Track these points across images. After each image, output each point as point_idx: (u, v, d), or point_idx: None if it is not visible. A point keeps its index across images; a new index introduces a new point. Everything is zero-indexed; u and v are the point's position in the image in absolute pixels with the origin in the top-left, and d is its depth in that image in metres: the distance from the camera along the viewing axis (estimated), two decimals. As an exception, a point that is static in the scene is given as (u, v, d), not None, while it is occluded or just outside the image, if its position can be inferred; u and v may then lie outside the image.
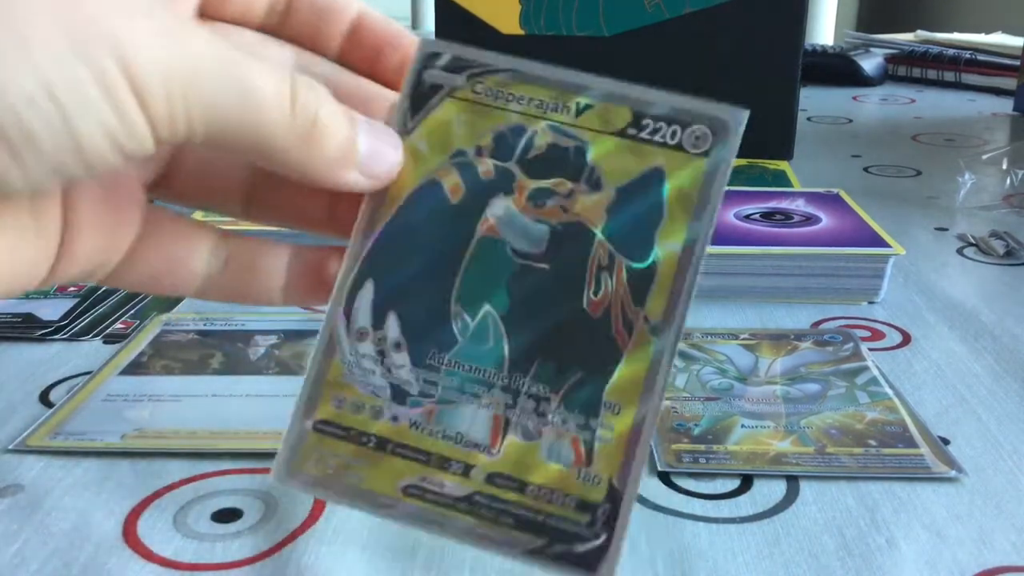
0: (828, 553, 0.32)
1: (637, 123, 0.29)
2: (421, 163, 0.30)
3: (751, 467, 0.36)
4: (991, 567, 0.32)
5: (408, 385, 0.29)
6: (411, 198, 0.30)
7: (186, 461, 0.36)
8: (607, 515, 0.28)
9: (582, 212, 0.29)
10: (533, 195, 0.29)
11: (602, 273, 0.29)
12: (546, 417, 0.29)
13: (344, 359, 0.30)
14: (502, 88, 0.30)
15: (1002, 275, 0.58)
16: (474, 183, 0.30)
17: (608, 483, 0.28)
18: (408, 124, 0.30)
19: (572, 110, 0.29)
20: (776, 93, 0.79)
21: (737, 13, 0.76)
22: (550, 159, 0.29)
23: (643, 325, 0.29)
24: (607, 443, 0.28)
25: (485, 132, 0.30)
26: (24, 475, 0.35)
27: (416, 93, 0.30)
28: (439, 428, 0.29)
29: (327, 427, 0.30)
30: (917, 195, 0.74)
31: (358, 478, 0.29)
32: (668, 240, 0.29)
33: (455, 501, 0.29)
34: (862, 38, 1.35)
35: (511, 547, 0.28)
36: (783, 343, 0.47)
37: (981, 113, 1.07)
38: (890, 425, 0.39)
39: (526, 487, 0.28)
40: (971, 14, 2.23)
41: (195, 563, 0.31)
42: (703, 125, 0.29)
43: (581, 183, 0.29)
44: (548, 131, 0.29)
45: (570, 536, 0.28)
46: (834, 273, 0.52)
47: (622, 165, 0.29)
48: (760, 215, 0.57)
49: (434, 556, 0.31)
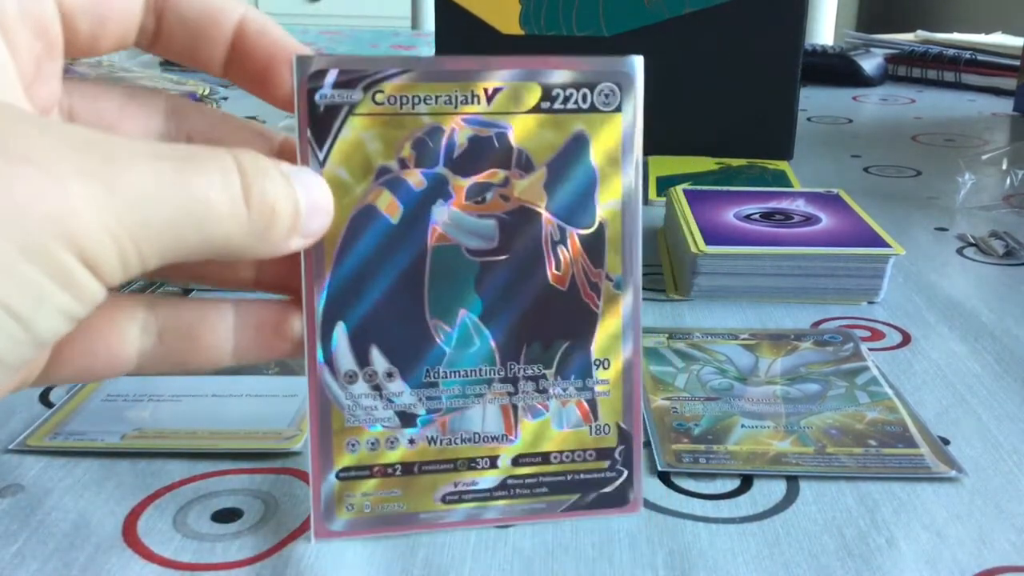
0: (828, 553, 0.32)
1: (548, 95, 0.29)
2: (347, 192, 0.29)
3: (751, 467, 0.36)
4: (991, 567, 0.32)
5: (413, 407, 0.30)
6: (350, 230, 0.29)
7: (186, 461, 0.36)
8: (623, 453, 0.32)
9: (522, 196, 0.30)
10: (471, 192, 0.30)
11: (557, 247, 0.30)
12: (547, 392, 0.31)
13: (342, 406, 0.30)
14: (404, 92, 0.28)
15: (1002, 275, 0.58)
16: (409, 197, 0.29)
17: (617, 427, 0.32)
18: (319, 155, 0.28)
19: (482, 98, 0.29)
20: (776, 93, 0.79)
21: (737, 13, 0.76)
22: (476, 153, 0.29)
23: (607, 283, 0.31)
24: (606, 396, 0.31)
25: (402, 142, 0.29)
26: (24, 475, 0.35)
27: (315, 120, 0.28)
28: (456, 435, 0.31)
29: (350, 472, 0.30)
30: (917, 195, 0.74)
31: (397, 506, 0.31)
32: (608, 200, 0.30)
33: (491, 492, 0.31)
34: (862, 38, 1.35)
35: (550, 510, 0.32)
36: (783, 343, 0.47)
37: (981, 113, 1.07)
38: (890, 425, 0.39)
39: (549, 457, 0.31)
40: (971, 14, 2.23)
41: (195, 563, 0.31)
42: (608, 82, 0.30)
43: (513, 168, 0.30)
44: (465, 125, 0.29)
45: (598, 482, 0.32)
46: (834, 273, 0.52)
47: (545, 140, 0.30)
48: (760, 215, 0.57)
49: (434, 556, 0.31)
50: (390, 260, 0.29)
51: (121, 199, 0.21)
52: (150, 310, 0.28)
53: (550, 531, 0.33)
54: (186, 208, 0.23)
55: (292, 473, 0.36)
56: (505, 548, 0.32)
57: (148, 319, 0.27)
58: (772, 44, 0.78)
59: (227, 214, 0.23)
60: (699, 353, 0.45)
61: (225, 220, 0.23)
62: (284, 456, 0.37)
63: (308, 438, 0.30)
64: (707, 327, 0.49)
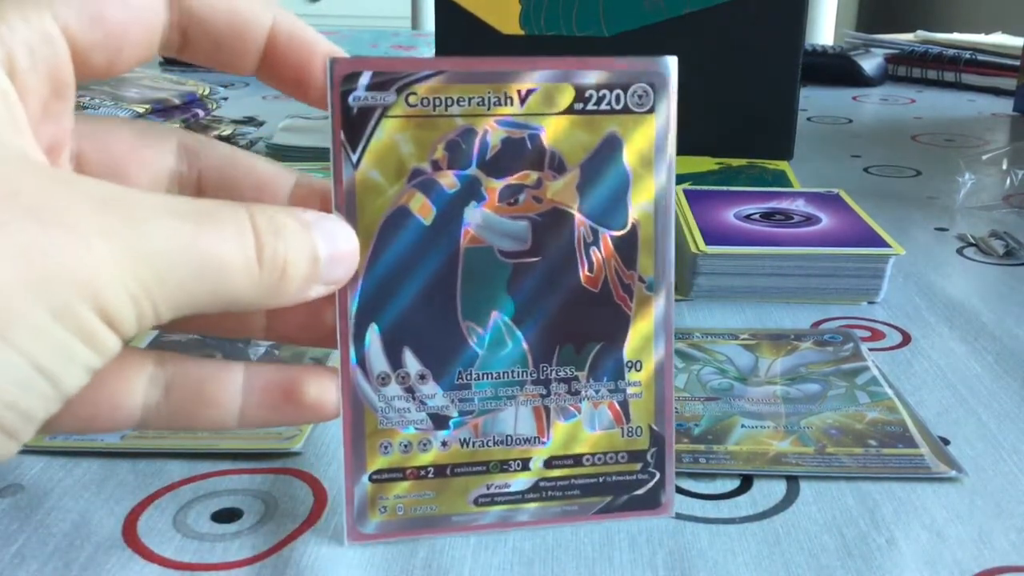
0: (828, 553, 0.32)
1: (581, 96, 0.29)
2: (380, 194, 0.29)
3: (751, 467, 0.36)
4: (991, 567, 0.32)
5: (446, 409, 0.30)
6: (383, 233, 0.29)
7: (186, 461, 0.36)
8: (655, 456, 0.32)
9: (555, 197, 0.30)
10: (504, 194, 0.29)
11: (590, 249, 0.30)
12: (580, 394, 0.31)
13: (375, 408, 0.30)
14: (437, 94, 0.28)
15: (1002, 275, 0.58)
16: (442, 199, 0.29)
17: (649, 429, 0.32)
18: (352, 157, 0.28)
19: (515, 99, 0.29)
20: (776, 93, 0.79)
21: (737, 13, 0.76)
22: (509, 154, 0.29)
23: (639, 285, 0.31)
24: (638, 398, 0.31)
25: (435, 144, 0.29)
26: (24, 475, 0.35)
27: (348, 122, 0.28)
28: (488, 437, 0.31)
29: (383, 475, 0.30)
30: (917, 195, 0.74)
31: (430, 508, 0.31)
32: (640, 201, 0.30)
33: (523, 494, 0.31)
34: (862, 38, 1.35)
35: (582, 512, 0.32)
36: (783, 343, 0.47)
37: (981, 113, 1.07)
38: (890, 425, 0.39)
39: (581, 459, 0.31)
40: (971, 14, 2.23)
41: (195, 563, 0.31)
42: (642, 83, 0.29)
43: (546, 170, 0.30)
44: (498, 127, 0.29)
45: (630, 485, 0.32)
46: (834, 273, 0.52)
47: (578, 141, 0.30)
48: (760, 215, 0.57)
49: (434, 556, 0.31)
50: (423, 262, 0.29)
51: (140, 259, 0.22)
52: (159, 365, 0.28)
53: (550, 531, 0.33)
54: (200, 267, 0.23)
55: (292, 473, 0.36)
56: (505, 548, 0.32)
57: (156, 373, 0.27)
58: (772, 44, 0.77)
59: (240, 272, 0.24)
60: (699, 353, 0.45)
61: (237, 277, 0.24)
62: (284, 456, 0.37)
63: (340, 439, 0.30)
64: (707, 327, 0.49)
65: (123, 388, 0.27)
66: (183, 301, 0.23)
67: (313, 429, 0.38)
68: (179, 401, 0.28)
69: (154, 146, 0.29)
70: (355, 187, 0.28)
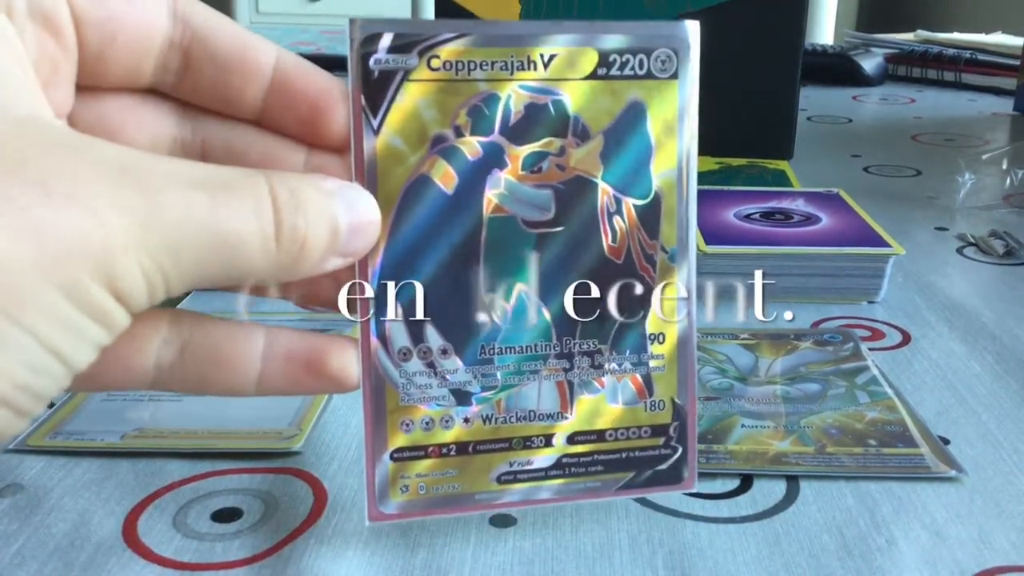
0: (828, 553, 0.32)
1: (605, 61, 0.29)
2: (402, 161, 0.28)
3: (751, 467, 0.36)
4: (991, 567, 0.32)
5: (468, 385, 0.29)
6: (404, 202, 0.28)
7: (186, 461, 0.36)
8: (678, 430, 0.31)
9: (578, 166, 0.29)
10: (527, 162, 0.29)
11: (613, 218, 0.30)
12: (603, 368, 0.30)
13: (396, 384, 0.29)
14: (460, 58, 0.27)
15: (1002, 275, 0.58)
16: (464, 167, 0.28)
17: (672, 403, 0.31)
18: (373, 123, 0.27)
19: (539, 63, 0.28)
20: (776, 93, 0.79)
21: (737, 13, 0.76)
22: (532, 121, 0.29)
23: (662, 255, 0.30)
24: (661, 371, 0.31)
25: (457, 110, 0.28)
26: (24, 475, 0.35)
27: (368, 85, 0.27)
28: (511, 413, 0.30)
29: (404, 453, 0.29)
30: (917, 195, 0.74)
31: (452, 487, 0.30)
32: (663, 169, 0.30)
33: (546, 471, 0.30)
34: (862, 38, 1.35)
35: (605, 489, 0.31)
36: (783, 343, 0.47)
37: (981, 113, 1.07)
38: (890, 425, 0.39)
39: (604, 434, 0.31)
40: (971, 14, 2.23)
41: (195, 563, 0.31)
42: (665, 48, 0.29)
43: (569, 137, 0.29)
44: (522, 92, 0.28)
45: (652, 460, 0.31)
46: (834, 273, 0.52)
47: (602, 107, 0.29)
48: (760, 215, 0.57)
49: (434, 556, 0.31)
50: (444, 233, 0.28)
51: (155, 233, 0.21)
52: (174, 324, 0.26)
53: (550, 531, 0.33)
54: (217, 242, 0.22)
55: (292, 473, 0.36)
56: (505, 548, 0.32)
57: (171, 332, 0.26)
58: (772, 44, 0.77)
59: (257, 248, 0.23)
60: (699, 353, 0.45)
61: (254, 253, 0.23)
62: (284, 456, 0.37)
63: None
64: (707, 327, 0.49)
65: (135, 349, 0.26)
66: (196, 276, 0.22)
67: (313, 428, 0.38)
68: (194, 363, 0.26)
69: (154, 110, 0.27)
70: (376, 154, 0.27)
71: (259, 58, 0.26)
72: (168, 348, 0.26)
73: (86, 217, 0.20)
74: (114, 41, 0.25)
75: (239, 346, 0.27)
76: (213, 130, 0.28)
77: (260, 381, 0.27)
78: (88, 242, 0.20)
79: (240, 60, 0.26)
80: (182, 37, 0.26)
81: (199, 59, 0.26)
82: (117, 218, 0.21)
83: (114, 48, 0.25)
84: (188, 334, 0.26)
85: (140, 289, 0.22)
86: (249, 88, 0.27)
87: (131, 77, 0.26)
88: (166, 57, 0.26)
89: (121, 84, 0.26)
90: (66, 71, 0.25)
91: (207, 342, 0.27)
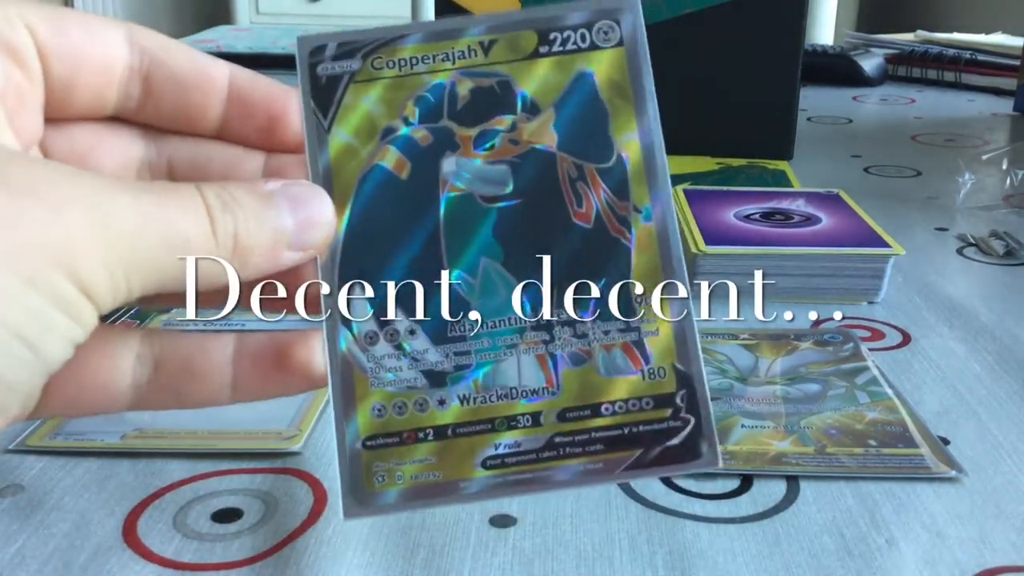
0: (828, 553, 0.32)
1: (546, 39, 0.29)
2: (354, 155, 0.29)
3: (751, 467, 0.36)
4: (991, 567, 0.32)
5: (440, 364, 0.28)
6: (360, 191, 0.29)
7: (186, 461, 0.36)
8: (686, 399, 0.28)
9: (532, 138, 0.29)
10: (478, 141, 0.29)
11: (576, 184, 0.29)
12: (587, 337, 0.29)
13: (364, 368, 0.28)
14: (401, 56, 0.29)
15: (1002, 275, 0.58)
16: (416, 152, 0.29)
17: (673, 369, 0.28)
18: (324, 123, 0.29)
19: (478, 51, 0.29)
20: (776, 93, 0.79)
21: (737, 13, 0.76)
22: (479, 102, 0.29)
23: (635, 215, 0.29)
24: (655, 335, 0.29)
25: (404, 102, 0.29)
26: (24, 475, 0.35)
27: (317, 90, 0.29)
28: (490, 392, 0.29)
29: (377, 440, 0.28)
30: (917, 195, 0.74)
31: (433, 476, 0.28)
32: (623, 132, 0.29)
33: (537, 453, 0.28)
34: (862, 38, 1.35)
35: (610, 471, 0.28)
36: (783, 343, 0.47)
37: (981, 113, 1.07)
38: (890, 425, 0.39)
39: (600, 408, 0.28)
40: (971, 14, 2.23)
41: (195, 563, 0.31)
42: (606, 20, 0.29)
43: (519, 113, 0.29)
44: (465, 78, 0.29)
45: (661, 434, 0.28)
46: (834, 273, 0.52)
47: (549, 82, 0.29)
48: (760, 215, 0.57)
49: (434, 556, 0.31)
50: (402, 216, 0.29)
51: (112, 229, 0.22)
52: (146, 340, 0.27)
53: (550, 531, 0.33)
54: (166, 240, 0.23)
55: (292, 473, 0.36)
56: (505, 548, 0.32)
57: (143, 350, 0.27)
58: (772, 44, 0.78)
59: (201, 248, 0.24)
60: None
61: (200, 253, 0.24)
62: (284, 456, 0.37)
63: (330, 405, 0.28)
64: (707, 327, 0.49)
65: (109, 365, 0.26)
66: (152, 276, 0.23)
67: (313, 428, 0.38)
68: (168, 377, 0.27)
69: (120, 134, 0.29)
70: (329, 150, 0.29)
71: (215, 75, 0.28)
72: (143, 365, 0.27)
73: (45, 210, 0.21)
74: (78, 70, 0.26)
75: (209, 354, 0.27)
76: (177, 148, 0.29)
77: (234, 387, 0.27)
78: (48, 234, 0.21)
79: (199, 78, 0.28)
80: (140, 63, 0.27)
81: (160, 82, 0.28)
82: (76, 214, 0.22)
83: (78, 77, 0.26)
84: (159, 348, 0.27)
85: (103, 282, 0.22)
86: (209, 104, 0.28)
87: (96, 105, 0.27)
88: (128, 84, 0.27)
89: (87, 112, 0.28)
90: (33, 100, 0.26)
91: (178, 354, 0.27)
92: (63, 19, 0.26)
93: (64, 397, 0.26)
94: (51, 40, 0.26)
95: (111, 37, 0.27)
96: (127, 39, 0.27)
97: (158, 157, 0.29)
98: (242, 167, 0.29)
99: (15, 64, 0.25)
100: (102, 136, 0.28)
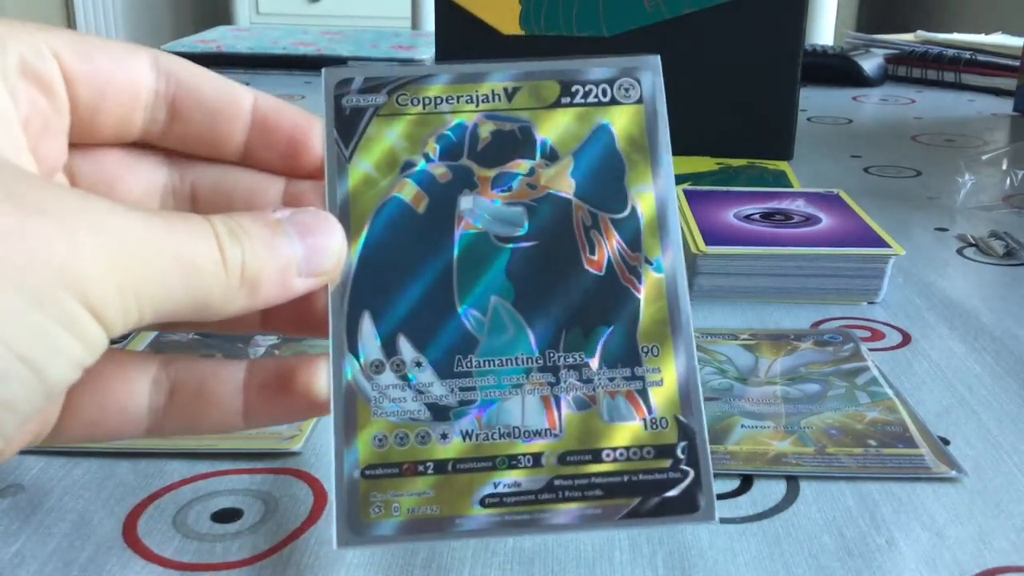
0: (828, 553, 0.32)
1: (568, 91, 0.30)
2: (372, 186, 0.29)
3: (751, 467, 0.36)
4: (991, 567, 0.32)
5: (444, 399, 0.29)
6: (376, 222, 0.29)
7: (186, 461, 0.36)
8: (687, 451, 0.29)
9: (549, 184, 0.30)
10: (496, 182, 0.30)
11: (590, 232, 0.30)
12: (592, 382, 0.29)
13: (368, 397, 0.28)
14: (427, 95, 0.30)
15: (1002, 275, 0.58)
16: (434, 188, 0.29)
17: (675, 420, 0.29)
18: (345, 152, 0.29)
19: (502, 96, 0.30)
20: (776, 93, 0.79)
21: (737, 13, 0.76)
22: (500, 145, 0.30)
23: (646, 266, 0.30)
24: (659, 385, 0.29)
25: (426, 138, 0.30)
26: (24, 475, 0.35)
27: (341, 121, 0.29)
28: (493, 430, 0.29)
29: (376, 470, 0.28)
30: (917, 195, 0.74)
31: (430, 509, 0.28)
32: (637, 184, 0.30)
33: (536, 495, 0.28)
34: (862, 38, 1.35)
35: (608, 518, 0.28)
36: (783, 343, 0.47)
37: (981, 113, 1.07)
38: (890, 425, 0.39)
39: (601, 454, 0.29)
40: (971, 14, 2.24)
41: (195, 563, 0.31)
42: (628, 77, 0.30)
43: (538, 159, 0.30)
44: (488, 121, 0.30)
45: (660, 484, 0.28)
46: (834, 273, 0.52)
47: (569, 131, 0.30)
48: (760, 215, 0.57)
49: (434, 556, 0.31)
50: (417, 249, 0.29)
51: (123, 252, 0.22)
52: (163, 367, 0.27)
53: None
54: (178, 266, 0.23)
55: (292, 473, 0.36)
56: (505, 548, 0.32)
57: (160, 375, 0.27)
58: (772, 44, 0.78)
59: (212, 275, 0.24)
60: (699, 353, 0.45)
61: (211, 280, 0.24)
62: (284, 456, 0.37)
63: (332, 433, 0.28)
64: (707, 327, 0.49)
65: (127, 390, 0.27)
66: (161, 302, 0.23)
67: (313, 429, 0.38)
68: (183, 402, 0.27)
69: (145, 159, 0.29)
70: (348, 179, 0.29)
71: (240, 100, 0.28)
72: (159, 391, 0.27)
73: (56, 229, 0.21)
74: (104, 97, 0.27)
75: (222, 380, 0.28)
76: (200, 174, 0.30)
77: (245, 413, 0.28)
78: (58, 253, 0.21)
79: (225, 103, 0.28)
80: (166, 89, 0.28)
81: (187, 108, 0.28)
82: (88, 235, 0.21)
83: (104, 103, 0.27)
84: (175, 374, 0.27)
85: (113, 305, 0.22)
86: (234, 129, 0.29)
87: (122, 130, 0.28)
88: (153, 109, 0.28)
89: (113, 138, 0.28)
90: (57, 126, 0.26)
91: (193, 380, 0.28)
92: (89, 46, 0.26)
93: (81, 420, 0.26)
94: (77, 67, 0.26)
95: (136, 63, 0.27)
96: (152, 65, 0.27)
97: (181, 183, 0.29)
98: (264, 193, 0.30)
99: (41, 92, 0.25)
100: (128, 162, 0.29)
